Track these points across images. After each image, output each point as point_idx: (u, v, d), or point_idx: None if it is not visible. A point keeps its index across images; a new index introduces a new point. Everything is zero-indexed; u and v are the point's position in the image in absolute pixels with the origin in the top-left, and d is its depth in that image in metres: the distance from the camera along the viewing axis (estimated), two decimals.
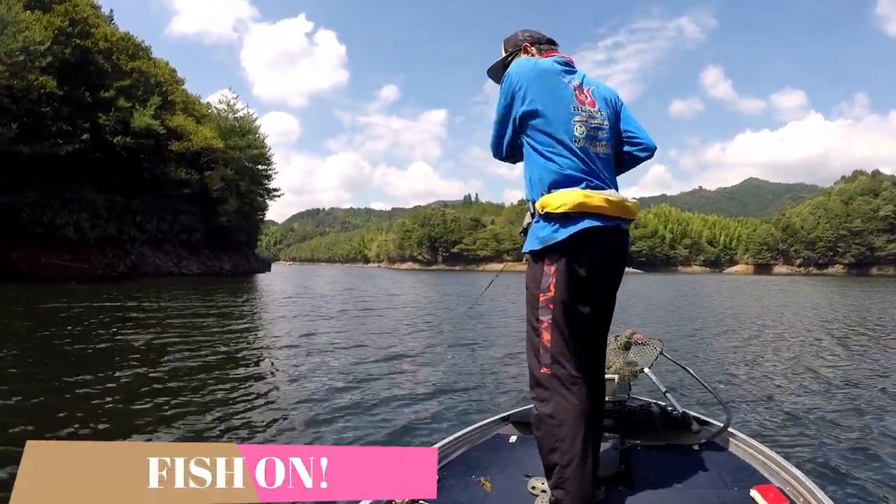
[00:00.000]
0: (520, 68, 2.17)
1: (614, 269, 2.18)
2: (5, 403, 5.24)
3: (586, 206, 1.96)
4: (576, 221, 1.97)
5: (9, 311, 13.83)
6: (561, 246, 1.99)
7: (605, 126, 2.18)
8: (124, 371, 6.84)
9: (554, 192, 2.02)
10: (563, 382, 2.01)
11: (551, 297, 2.03)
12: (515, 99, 2.14)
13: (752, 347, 9.86)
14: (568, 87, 2.16)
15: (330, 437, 4.50)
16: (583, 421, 1.99)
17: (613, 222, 2.03)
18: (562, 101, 2.11)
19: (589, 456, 1.98)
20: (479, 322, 13.72)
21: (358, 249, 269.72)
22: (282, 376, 7.05)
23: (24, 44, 29.19)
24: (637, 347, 3.21)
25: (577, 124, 2.09)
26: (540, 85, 2.12)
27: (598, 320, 2.20)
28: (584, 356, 2.09)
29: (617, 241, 2.10)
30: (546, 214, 2.02)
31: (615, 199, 2.01)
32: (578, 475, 1.94)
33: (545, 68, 2.17)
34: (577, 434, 1.96)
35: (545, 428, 2.03)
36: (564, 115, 2.09)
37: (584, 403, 2.01)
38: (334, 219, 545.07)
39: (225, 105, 57.88)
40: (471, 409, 5.41)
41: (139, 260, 40.64)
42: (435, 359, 8.37)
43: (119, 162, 39.55)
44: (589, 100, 2.18)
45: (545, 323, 2.04)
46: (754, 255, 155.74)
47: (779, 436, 4.59)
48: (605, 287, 2.17)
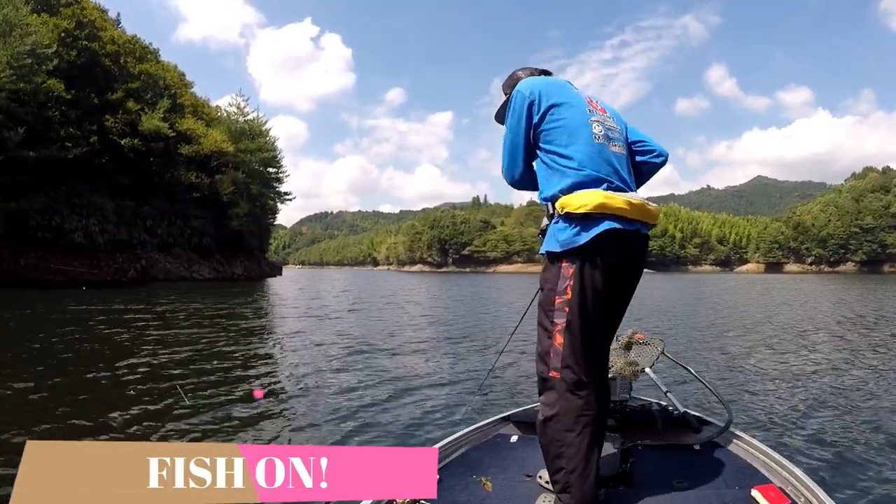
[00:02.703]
0: (530, 82, 2.18)
1: (632, 275, 2.18)
2: (6, 404, 5.30)
3: (607, 207, 1.93)
4: (597, 223, 1.93)
5: (20, 317, 13.94)
6: (581, 249, 1.96)
7: (617, 128, 2.21)
8: (124, 371, 6.91)
9: (575, 192, 1.98)
10: (571, 387, 2.00)
11: (567, 300, 1.99)
12: (532, 109, 2.12)
13: (755, 347, 9.80)
14: (580, 94, 2.20)
15: (330, 437, 4.51)
16: (590, 426, 1.98)
17: (634, 226, 2.01)
18: (577, 102, 2.14)
19: (594, 461, 1.98)
20: (481, 322, 13.72)
21: (367, 252, 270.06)
22: (284, 375, 7.13)
23: (31, 47, 29.08)
24: (638, 347, 3.22)
25: (594, 123, 2.10)
26: (554, 89, 2.15)
27: (609, 325, 2.21)
28: (596, 360, 2.09)
29: (637, 246, 2.09)
30: (566, 215, 1.99)
31: (637, 201, 1.99)
32: (583, 480, 1.95)
33: (554, 80, 2.23)
34: (583, 439, 1.96)
35: (551, 433, 2.01)
36: (582, 116, 2.11)
37: (591, 408, 2.00)
38: (342, 222, 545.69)
39: (235, 108, 57.79)
40: (472, 408, 5.41)
41: (150, 265, 40.42)
42: (436, 358, 8.41)
43: (128, 166, 39.31)
44: (599, 107, 2.21)
45: (559, 326, 2.01)
46: (765, 253, 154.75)
47: (780, 436, 4.58)
48: (621, 292, 2.17)
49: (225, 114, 57.56)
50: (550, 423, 2.01)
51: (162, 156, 42.36)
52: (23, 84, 29.07)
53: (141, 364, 7.51)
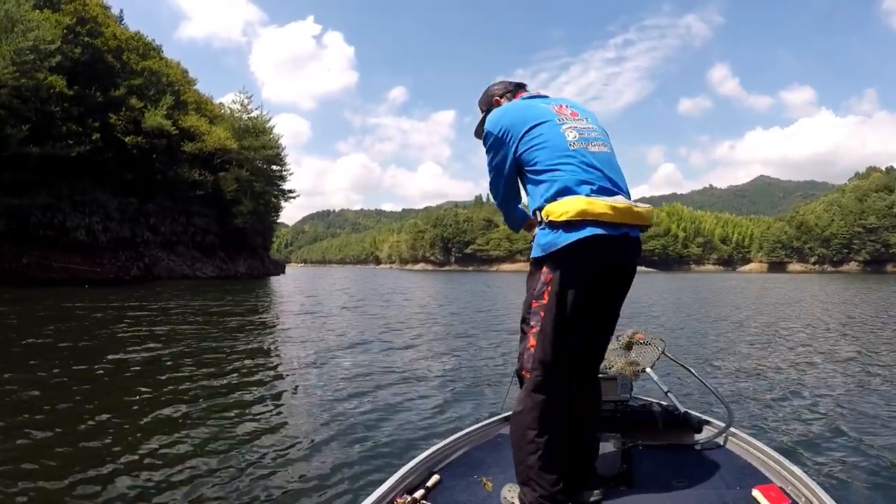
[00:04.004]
0: (494, 118, 2.25)
1: (622, 278, 2.19)
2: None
3: (589, 213, 1.94)
4: (578, 229, 1.95)
5: (21, 314, 13.97)
6: (560, 253, 2.00)
7: (594, 127, 2.21)
8: (125, 371, 6.93)
9: (558, 199, 2.01)
10: (537, 387, 2.07)
11: (543, 305, 2.06)
12: (504, 144, 2.19)
13: (755, 347, 9.79)
14: (546, 107, 2.23)
15: (330, 436, 4.51)
16: (553, 426, 2.07)
17: (619, 230, 2.00)
18: (546, 116, 2.17)
19: (555, 460, 2.05)
20: (483, 322, 13.72)
21: (369, 251, 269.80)
22: (286, 376, 7.12)
23: (34, 43, 28.96)
24: (639, 347, 3.22)
25: (567, 130, 2.13)
26: (520, 113, 2.20)
27: (597, 330, 2.25)
28: (569, 365, 2.15)
29: (623, 251, 2.09)
30: (550, 222, 2.01)
31: (621, 205, 1.98)
32: (542, 476, 2.02)
33: (515, 104, 2.29)
34: (545, 438, 2.04)
35: (516, 427, 2.11)
36: (554, 128, 2.14)
37: (558, 409, 2.10)
38: (345, 220, 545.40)
39: (238, 105, 57.56)
40: (473, 408, 5.42)
41: (152, 263, 40.35)
42: (437, 358, 8.41)
43: (131, 163, 39.14)
44: (570, 112, 2.23)
45: (534, 329, 2.09)
46: (768, 253, 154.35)
47: (781, 435, 4.57)
48: (611, 295, 2.20)
49: (228, 111, 57.31)
50: (517, 419, 2.12)
51: (165, 153, 42.20)
52: (25, 80, 28.92)
53: (140, 366, 7.52)
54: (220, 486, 3.51)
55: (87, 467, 3.74)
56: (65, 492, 3.39)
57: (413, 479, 2.33)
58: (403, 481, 2.26)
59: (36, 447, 4.12)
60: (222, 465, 3.86)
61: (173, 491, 3.44)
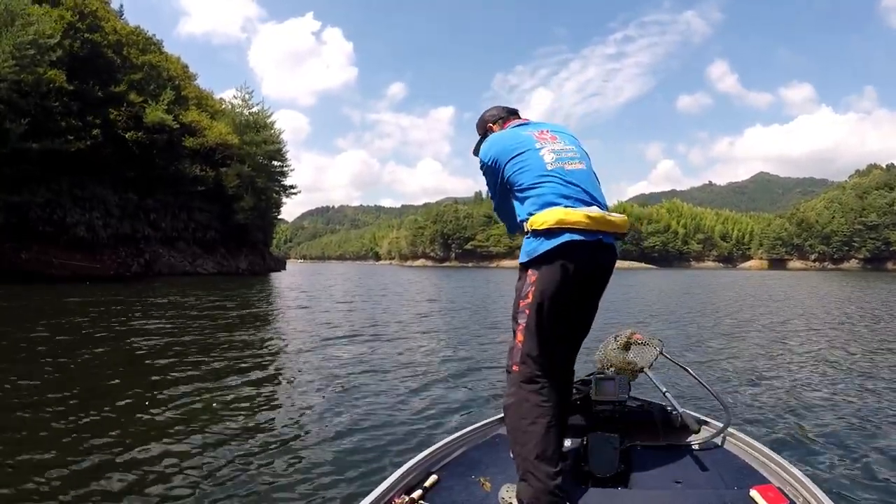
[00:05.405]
0: (484, 149, 2.55)
1: (594, 281, 2.39)
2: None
3: (565, 221, 2.19)
4: (557, 236, 2.20)
5: (21, 313, 13.98)
6: (542, 258, 2.24)
7: (570, 147, 2.47)
8: (124, 370, 6.93)
9: (540, 211, 2.27)
10: (525, 380, 2.26)
11: (528, 304, 2.27)
12: (494, 171, 2.49)
13: (754, 346, 9.75)
14: (525, 134, 2.49)
15: (330, 436, 4.51)
16: (545, 417, 2.20)
17: (594, 236, 2.23)
18: (525, 143, 2.43)
19: (552, 450, 2.16)
20: (483, 322, 13.72)
21: (369, 247, 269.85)
22: (285, 376, 7.14)
23: (33, 37, 28.89)
24: (637, 347, 3.22)
25: (545, 153, 2.39)
26: (505, 143, 2.48)
27: (575, 325, 2.43)
28: (553, 358, 2.33)
29: (598, 255, 2.29)
30: (533, 231, 2.27)
31: (596, 214, 2.24)
32: (539, 468, 2.11)
33: (500, 134, 2.57)
34: (538, 429, 2.17)
35: (510, 420, 2.29)
36: (534, 154, 2.40)
37: (548, 401, 2.24)
38: (344, 216, 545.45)
39: (239, 100, 57.37)
40: (471, 409, 5.42)
41: (153, 259, 40.41)
42: (437, 358, 8.38)
43: (132, 158, 39.13)
44: (549, 136, 2.49)
45: (521, 326, 2.30)
46: (768, 250, 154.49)
47: (779, 436, 4.57)
48: (584, 297, 2.38)
49: (229, 106, 57.23)
50: (510, 412, 2.30)
51: (166, 148, 42.15)
52: (24, 75, 28.88)
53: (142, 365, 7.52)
54: (216, 484, 3.51)
55: (84, 463, 3.76)
56: (63, 489, 3.40)
57: (411, 479, 2.34)
58: (401, 481, 2.27)
59: (33, 445, 4.12)
60: (218, 462, 3.86)
61: (169, 488, 3.46)
